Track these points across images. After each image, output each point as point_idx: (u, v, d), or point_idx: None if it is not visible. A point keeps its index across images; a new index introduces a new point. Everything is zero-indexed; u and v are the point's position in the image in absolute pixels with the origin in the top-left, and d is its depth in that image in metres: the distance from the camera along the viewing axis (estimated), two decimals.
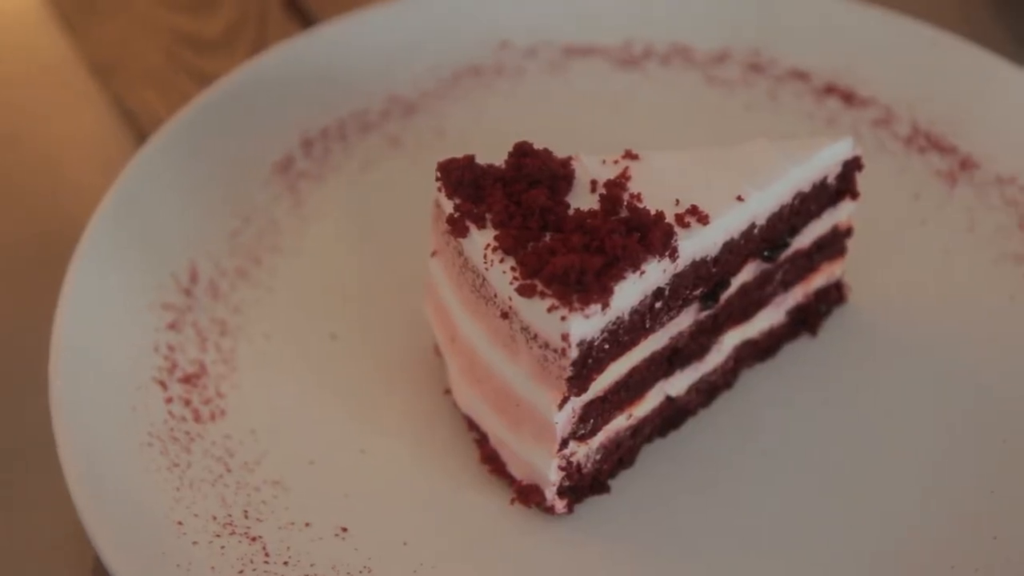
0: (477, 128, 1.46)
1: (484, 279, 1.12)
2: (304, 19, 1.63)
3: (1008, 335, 1.31)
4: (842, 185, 1.27)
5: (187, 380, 1.24)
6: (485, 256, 1.11)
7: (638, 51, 1.52)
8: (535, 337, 1.10)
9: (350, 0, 1.62)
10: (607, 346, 1.12)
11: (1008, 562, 1.16)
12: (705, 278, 1.18)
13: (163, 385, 1.23)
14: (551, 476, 1.16)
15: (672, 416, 1.26)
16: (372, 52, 1.47)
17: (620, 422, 1.21)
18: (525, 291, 1.08)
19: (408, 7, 1.50)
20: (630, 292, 1.11)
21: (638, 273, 1.10)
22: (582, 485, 1.20)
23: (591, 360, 1.11)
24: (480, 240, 1.11)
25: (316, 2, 1.65)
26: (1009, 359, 1.29)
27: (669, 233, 1.11)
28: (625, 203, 1.13)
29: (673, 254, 1.12)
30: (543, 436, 1.15)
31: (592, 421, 1.17)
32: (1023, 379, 1.28)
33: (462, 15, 1.51)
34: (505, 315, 1.11)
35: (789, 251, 1.26)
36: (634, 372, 1.18)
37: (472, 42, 1.51)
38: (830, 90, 1.49)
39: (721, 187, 1.17)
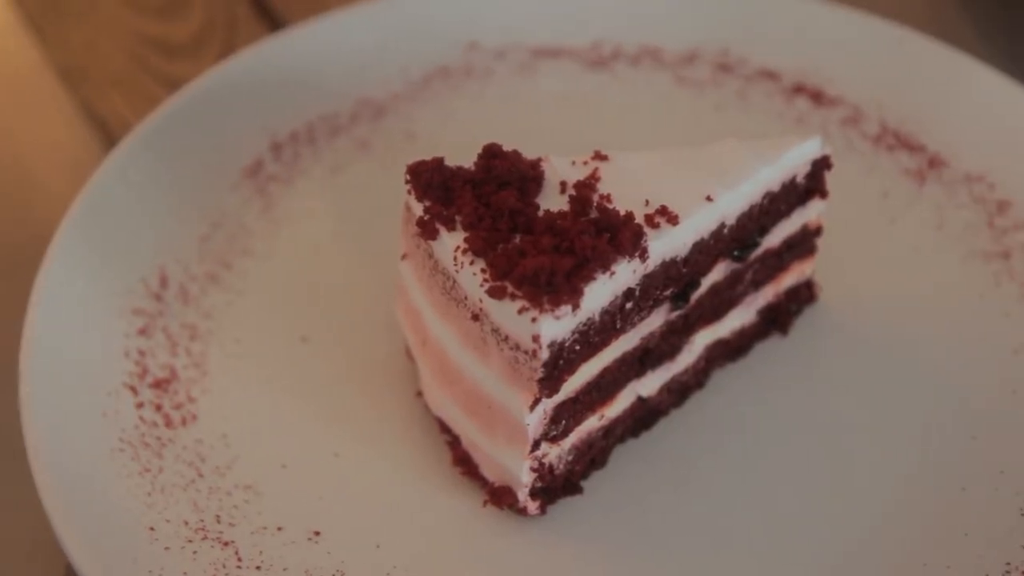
0: (447, 130, 1.46)
1: (454, 281, 1.12)
2: (273, 23, 1.63)
3: (978, 333, 1.31)
4: (811, 184, 1.28)
5: (158, 385, 1.24)
6: (455, 258, 1.11)
7: (607, 52, 1.52)
8: (506, 339, 1.10)
9: (319, 3, 1.62)
10: (578, 347, 1.12)
11: (980, 559, 1.17)
12: (675, 278, 1.18)
13: (134, 390, 1.23)
14: (523, 478, 1.16)
15: (644, 416, 1.26)
16: (341, 55, 1.47)
17: (592, 423, 1.21)
18: (495, 293, 1.08)
19: (376, 10, 1.50)
20: (600, 293, 1.11)
21: (608, 274, 1.10)
22: (554, 486, 1.20)
23: (562, 361, 1.11)
24: (450, 242, 1.11)
25: (285, 5, 1.64)
26: (979, 357, 1.30)
27: (639, 234, 1.11)
28: (595, 204, 1.13)
29: (643, 254, 1.12)
30: (515, 438, 1.15)
31: (564, 422, 1.17)
32: (993, 377, 1.28)
33: (431, 17, 1.51)
34: (476, 317, 1.11)
35: (759, 250, 1.26)
36: (605, 373, 1.18)
37: (441, 44, 1.51)
38: (799, 90, 1.49)
39: (691, 187, 1.17)
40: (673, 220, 1.14)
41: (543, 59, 1.51)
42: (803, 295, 1.34)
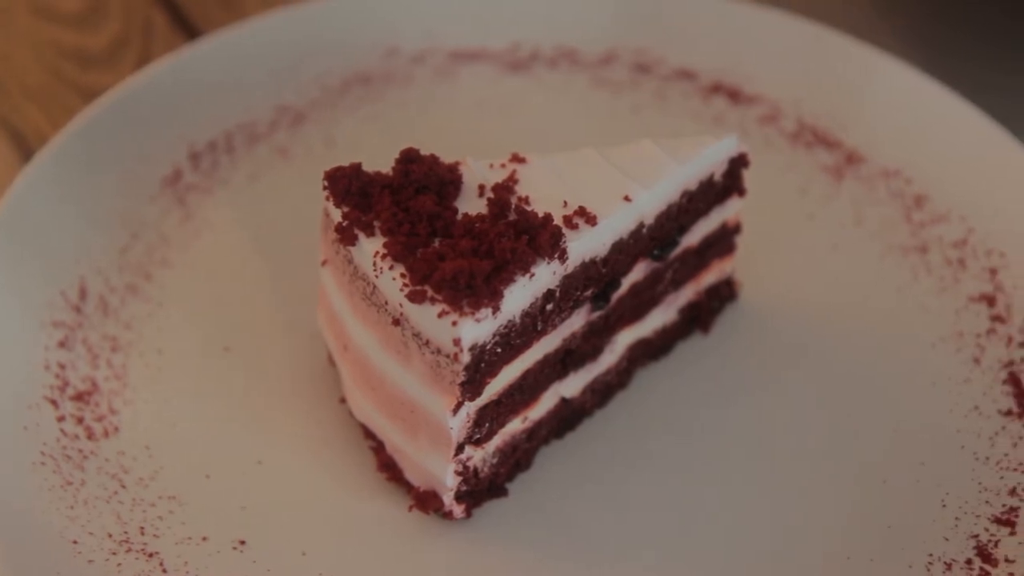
0: (366, 136, 1.45)
1: (374, 287, 1.12)
2: (190, 31, 1.62)
3: (896, 327, 1.32)
4: (729, 182, 1.28)
5: (79, 398, 1.23)
6: (374, 264, 1.10)
7: (525, 54, 1.52)
8: (427, 343, 1.10)
9: (236, 11, 1.61)
10: (499, 350, 1.12)
11: (902, 550, 1.18)
12: (595, 279, 1.18)
13: (55, 403, 1.22)
14: (448, 481, 1.17)
15: (568, 417, 1.26)
16: (259, 62, 1.47)
17: (515, 425, 1.21)
18: (415, 297, 1.08)
19: (294, 17, 1.49)
20: (520, 295, 1.11)
21: (528, 276, 1.10)
22: (480, 489, 1.20)
23: (484, 364, 1.11)
24: (369, 248, 1.11)
25: (201, 13, 1.64)
26: (898, 350, 1.31)
27: (557, 235, 1.11)
28: (513, 206, 1.13)
29: (562, 256, 1.12)
30: (439, 442, 1.15)
31: (487, 425, 1.17)
32: (912, 370, 1.30)
33: (349, 23, 1.51)
34: (397, 322, 1.11)
35: (679, 249, 1.27)
36: (528, 375, 1.18)
37: (360, 50, 1.50)
38: (716, 88, 1.50)
39: (608, 188, 1.17)
40: (591, 221, 1.14)
41: (462, 63, 1.51)
42: (724, 293, 1.35)
